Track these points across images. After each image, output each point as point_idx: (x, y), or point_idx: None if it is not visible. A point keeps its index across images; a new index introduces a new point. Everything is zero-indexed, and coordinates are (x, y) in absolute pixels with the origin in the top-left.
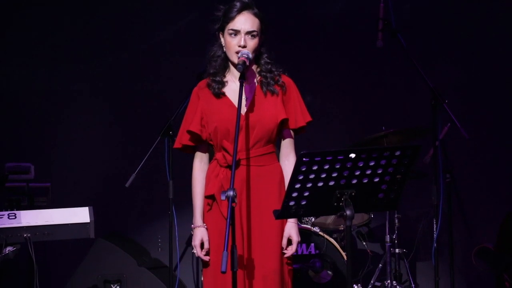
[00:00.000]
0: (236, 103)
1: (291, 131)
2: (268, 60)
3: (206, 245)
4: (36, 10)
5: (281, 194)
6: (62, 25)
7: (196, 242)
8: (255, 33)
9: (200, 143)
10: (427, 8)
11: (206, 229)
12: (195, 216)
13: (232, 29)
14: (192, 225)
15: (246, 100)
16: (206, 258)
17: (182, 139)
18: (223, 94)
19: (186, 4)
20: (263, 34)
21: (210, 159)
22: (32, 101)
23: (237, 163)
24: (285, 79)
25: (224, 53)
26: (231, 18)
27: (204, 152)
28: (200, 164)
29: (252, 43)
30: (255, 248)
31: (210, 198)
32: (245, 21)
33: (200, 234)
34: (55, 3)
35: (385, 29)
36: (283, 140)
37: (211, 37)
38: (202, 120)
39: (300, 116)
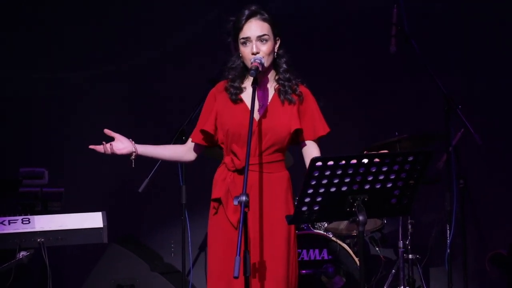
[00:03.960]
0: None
1: (313, 142)
2: (286, 67)
3: (124, 151)
4: (49, 13)
5: (287, 201)
6: (75, 28)
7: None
8: (265, 36)
9: (211, 145)
10: (440, 13)
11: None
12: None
13: (242, 38)
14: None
15: (262, 107)
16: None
17: (195, 138)
18: (240, 99)
19: (205, 5)
20: (278, 36)
21: (219, 163)
22: (45, 106)
23: None
24: (303, 89)
25: (243, 62)
26: (240, 28)
27: (195, 151)
28: (182, 145)
29: (264, 47)
30: (262, 253)
31: (216, 201)
32: (253, 28)
33: (130, 147)
34: (68, 4)
35: (398, 34)
36: (306, 147)
37: (225, 46)
38: (216, 121)
39: (320, 126)
